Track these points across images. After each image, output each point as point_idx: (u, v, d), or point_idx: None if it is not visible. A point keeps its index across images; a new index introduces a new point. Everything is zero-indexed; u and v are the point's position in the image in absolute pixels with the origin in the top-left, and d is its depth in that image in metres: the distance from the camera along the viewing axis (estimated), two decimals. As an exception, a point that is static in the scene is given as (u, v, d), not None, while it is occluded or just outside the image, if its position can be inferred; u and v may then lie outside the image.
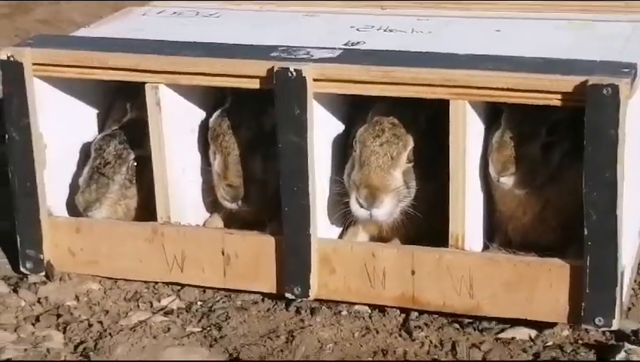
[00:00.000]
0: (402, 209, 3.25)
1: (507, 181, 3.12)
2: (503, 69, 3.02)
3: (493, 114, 3.22)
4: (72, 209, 3.61)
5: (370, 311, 3.26)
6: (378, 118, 3.28)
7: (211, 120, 3.45)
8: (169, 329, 3.21)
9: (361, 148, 3.24)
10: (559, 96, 2.92)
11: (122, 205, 3.56)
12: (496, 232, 3.36)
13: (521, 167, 3.12)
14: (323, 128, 3.27)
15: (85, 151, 3.65)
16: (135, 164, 3.55)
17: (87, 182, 3.54)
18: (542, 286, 3.06)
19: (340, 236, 3.43)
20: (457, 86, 3.01)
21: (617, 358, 2.90)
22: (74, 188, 3.59)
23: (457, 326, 3.17)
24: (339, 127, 3.39)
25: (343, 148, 3.37)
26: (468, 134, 3.06)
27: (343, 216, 3.34)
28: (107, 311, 3.33)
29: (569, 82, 2.90)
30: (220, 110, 3.46)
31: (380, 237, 3.42)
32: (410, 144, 3.25)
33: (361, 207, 3.19)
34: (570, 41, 3.41)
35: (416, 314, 3.22)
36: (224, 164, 3.40)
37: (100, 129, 3.75)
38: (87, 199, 3.51)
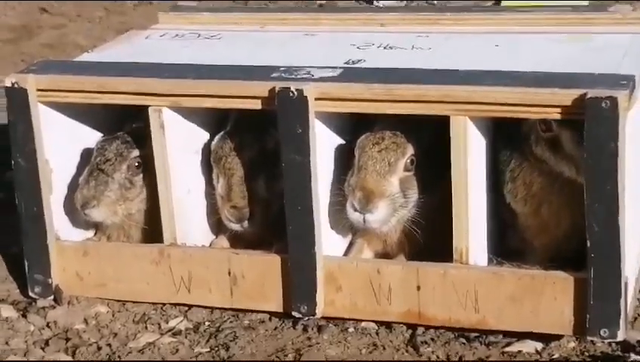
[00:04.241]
0: (401, 219, 3.27)
1: None
2: (502, 84, 3.03)
3: (495, 128, 3.25)
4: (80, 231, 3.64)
5: (377, 327, 3.27)
6: (380, 129, 3.31)
7: (213, 143, 3.47)
8: (177, 350, 3.22)
9: (360, 153, 3.26)
10: (559, 110, 2.94)
11: (122, 206, 3.53)
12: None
13: None
14: (326, 147, 3.30)
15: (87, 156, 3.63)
16: (137, 163, 3.54)
17: (86, 179, 3.51)
18: (546, 299, 3.07)
19: (346, 252, 3.45)
20: (457, 102, 3.03)
21: (624, 369, 2.92)
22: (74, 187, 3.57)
23: (464, 340, 3.18)
24: (342, 145, 3.41)
25: (346, 167, 3.38)
26: (469, 149, 3.07)
27: (347, 230, 3.38)
28: (116, 334, 3.35)
29: (568, 96, 2.92)
30: (221, 133, 3.47)
31: (384, 254, 3.44)
32: (409, 152, 3.26)
33: (355, 210, 3.20)
34: (569, 54, 3.42)
35: (422, 329, 3.23)
36: (228, 185, 3.42)
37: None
38: (84, 195, 3.47)
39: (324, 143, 3.26)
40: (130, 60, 3.60)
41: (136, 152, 3.54)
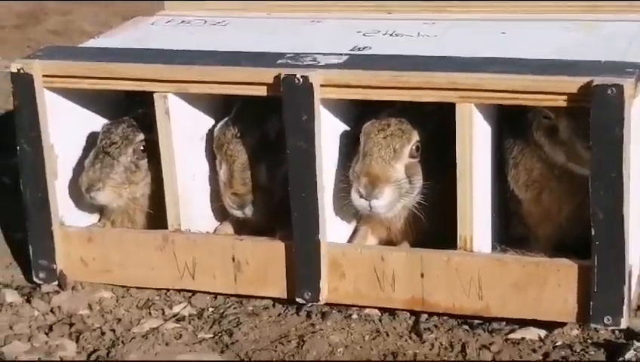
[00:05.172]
0: (406, 205, 3.27)
1: None
2: (508, 71, 3.03)
3: (500, 116, 3.25)
4: (85, 217, 3.64)
5: (380, 314, 3.28)
6: (386, 116, 3.31)
7: (215, 130, 3.47)
8: (181, 335, 3.23)
9: (365, 139, 3.26)
10: (565, 98, 2.94)
11: (127, 190, 3.53)
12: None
13: None
14: (331, 134, 3.30)
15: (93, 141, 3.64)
16: (142, 147, 3.54)
17: (91, 162, 3.52)
18: (550, 287, 3.07)
19: (350, 239, 3.45)
20: (463, 89, 3.03)
21: (627, 357, 2.90)
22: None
23: (467, 327, 3.18)
24: (347, 131, 3.41)
25: (351, 154, 3.38)
26: (474, 137, 3.07)
27: (351, 217, 3.39)
28: (119, 319, 3.36)
29: (574, 83, 2.91)
30: (224, 120, 3.47)
31: (388, 241, 3.44)
32: (415, 139, 3.26)
33: (361, 196, 3.20)
34: (576, 41, 3.41)
35: (425, 316, 3.23)
36: (229, 172, 3.42)
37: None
38: (90, 178, 3.48)
39: (329, 130, 3.26)
40: (136, 47, 3.60)
41: (141, 136, 3.54)
